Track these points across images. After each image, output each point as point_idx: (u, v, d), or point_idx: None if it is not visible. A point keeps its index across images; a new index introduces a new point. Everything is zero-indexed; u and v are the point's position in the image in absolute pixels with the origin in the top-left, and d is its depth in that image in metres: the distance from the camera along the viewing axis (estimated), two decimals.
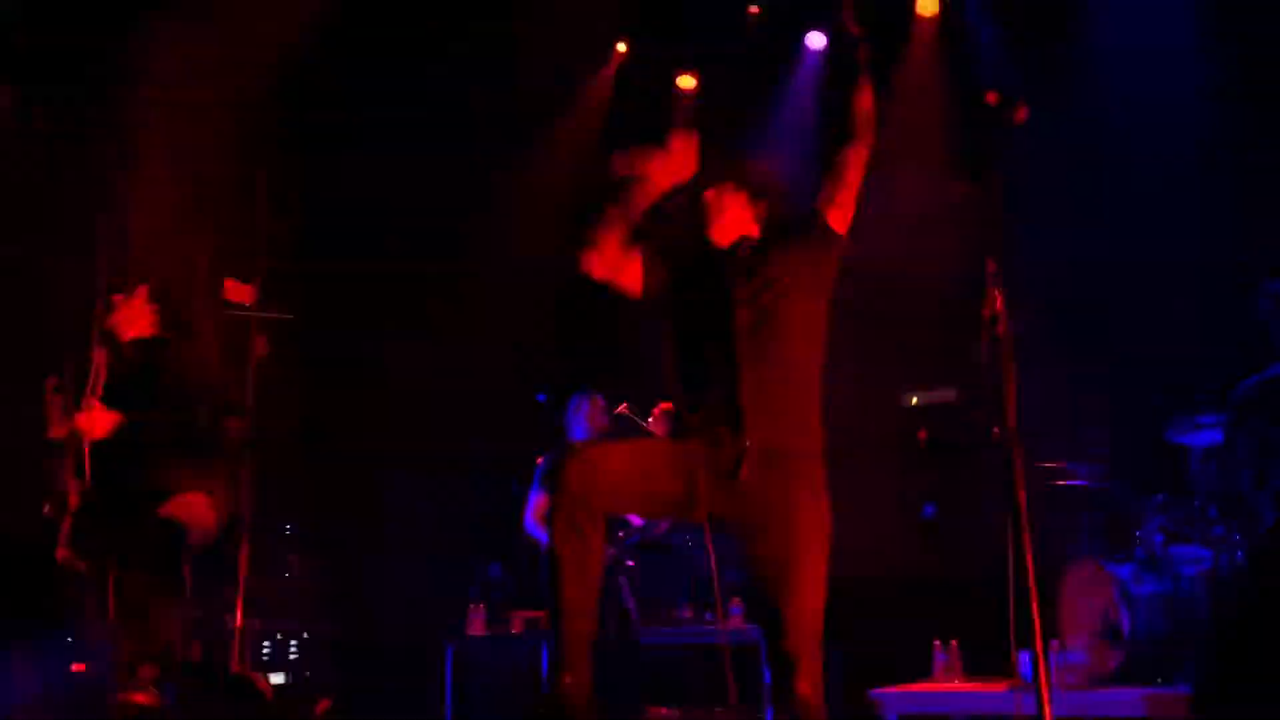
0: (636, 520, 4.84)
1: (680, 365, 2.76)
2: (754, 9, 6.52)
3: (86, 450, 3.44)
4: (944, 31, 6.60)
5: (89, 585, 3.29)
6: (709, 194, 2.80)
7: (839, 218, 2.79)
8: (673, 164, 2.68)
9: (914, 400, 6.31)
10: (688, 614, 5.53)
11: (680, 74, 7.37)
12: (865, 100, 2.81)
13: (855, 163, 2.79)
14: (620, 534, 5.00)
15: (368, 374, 6.46)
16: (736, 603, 4.93)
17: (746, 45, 6.87)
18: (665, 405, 4.81)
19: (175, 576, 3.23)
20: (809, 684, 2.48)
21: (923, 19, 6.61)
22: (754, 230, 2.83)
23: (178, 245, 5.55)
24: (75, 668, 3.64)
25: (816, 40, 7.06)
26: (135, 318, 3.69)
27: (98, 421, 3.37)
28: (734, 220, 2.81)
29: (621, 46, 7.39)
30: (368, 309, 6.48)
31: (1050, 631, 4.62)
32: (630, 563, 5.25)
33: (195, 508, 3.39)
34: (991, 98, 2.59)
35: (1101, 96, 6.03)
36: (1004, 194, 2.56)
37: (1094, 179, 6.00)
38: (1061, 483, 4.84)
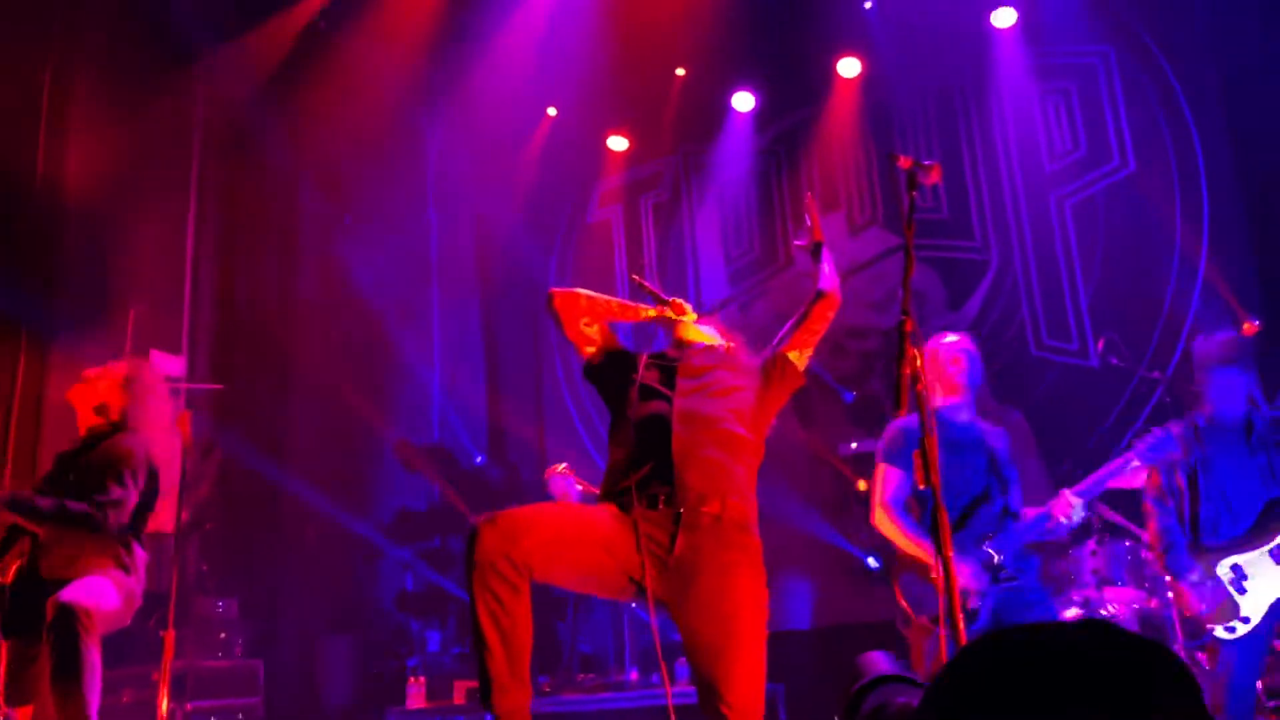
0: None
1: (620, 431, 2.78)
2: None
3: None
4: (863, 92, 6.80)
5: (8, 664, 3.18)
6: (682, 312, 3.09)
7: (800, 359, 2.95)
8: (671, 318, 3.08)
9: (854, 447, 6.36)
10: (634, 676, 5.47)
11: (611, 135, 7.50)
12: (829, 275, 3.10)
13: (823, 316, 3.04)
14: None
15: (293, 437, 6.37)
16: (683, 663, 4.89)
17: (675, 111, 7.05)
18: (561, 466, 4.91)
19: (75, 661, 3.10)
20: None
21: (844, 80, 6.81)
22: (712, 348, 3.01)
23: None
24: None
25: (743, 102, 7.22)
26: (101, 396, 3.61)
27: None
28: (696, 334, 3.03)
29: (552, 111, 7.51)
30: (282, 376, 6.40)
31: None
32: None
33: (99, 589, 3.28)
34: (904, 161, 2.66)
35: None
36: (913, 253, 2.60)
37: None
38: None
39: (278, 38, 6.44)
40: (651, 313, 3.06)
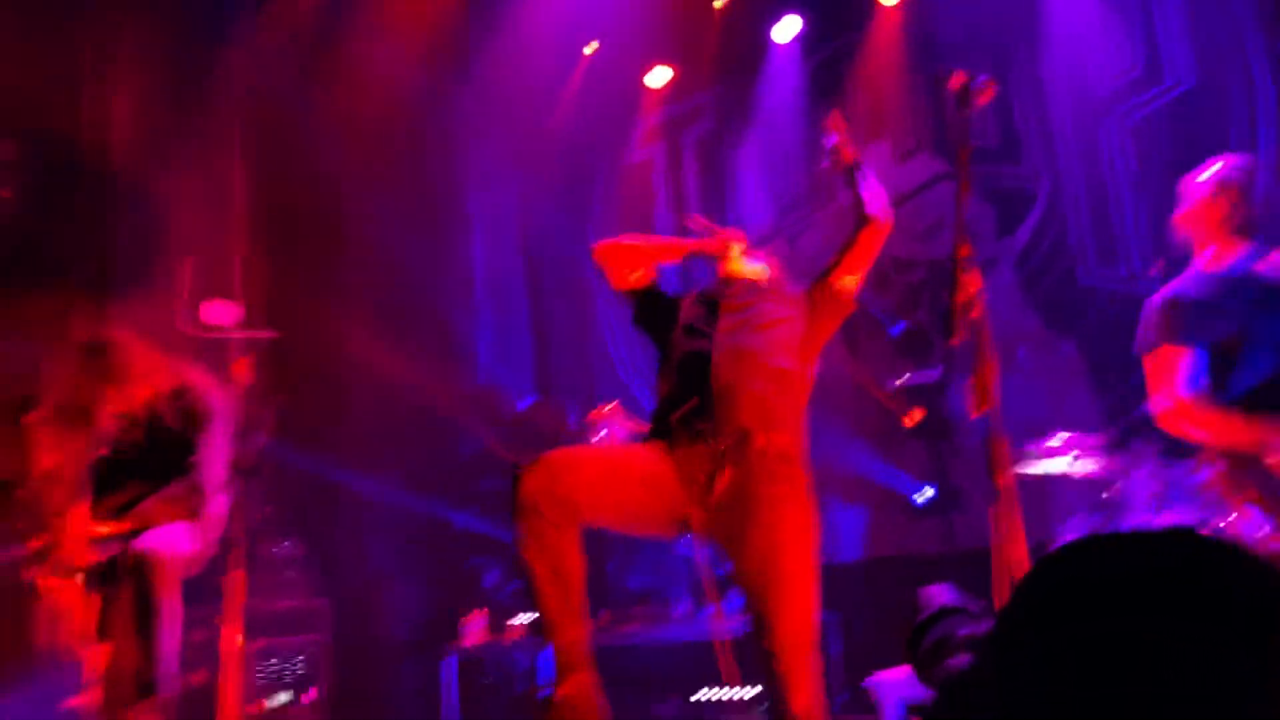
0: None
1: (666, 370, 2.79)
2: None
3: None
4: (909, 14, 6.63)
5: (77, 615, 3.29)
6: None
7: (849, 284, 2.89)
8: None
9: (900, 381, 6.33)
10: (685, 609, 5.55)
11: (649, 71, 7.41)
12: (873, 198, 2.96)
13: (871, 241, 2.92)
14: None
15: (350, 381, 6.47)
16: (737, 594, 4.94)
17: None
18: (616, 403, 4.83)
19: (156, 607, 3.21)
20: (804, 698, 2.43)
21: (886, 6, 6.65)
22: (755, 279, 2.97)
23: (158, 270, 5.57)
24: (70, 703, 3.63)
25: (784, 31, 7.09)
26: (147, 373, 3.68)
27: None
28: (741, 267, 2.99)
29: (588, 49, 7.42)
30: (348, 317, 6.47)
31: None
32: None
33: (175, 535, 3.38)
34: (956, 79, 2.60)
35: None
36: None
37: None
38: (1048, 456, 4.84)
39: None
40: (693, 249, 3.02)
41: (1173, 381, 2.97)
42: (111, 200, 5.63)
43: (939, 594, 2.09)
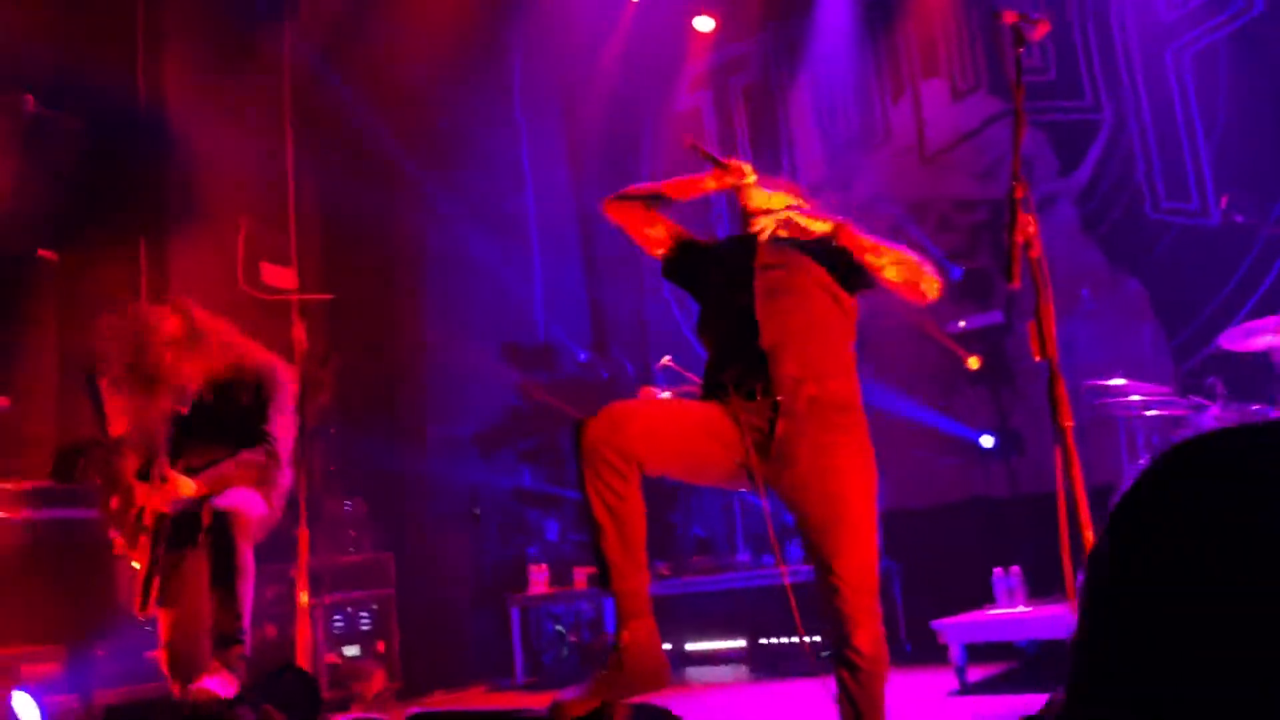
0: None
1: (709, 325, 2.77)
2: None
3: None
4: None
5: (152, 574, 3.39)
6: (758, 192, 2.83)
7: (876, 267, 2.68)
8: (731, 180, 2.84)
9: (962, 325, 6.23)
10: (745, 557, 5.58)
11: (696, 16, 7.30)
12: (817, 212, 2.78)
13: (861, 252, 2.68)
14: None
15: (408, 341, 6.56)
16: (796, 543, 4.96)
17: None
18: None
19: (238, 562, 3.32)
20: (867, 638, 2.45)
21: None
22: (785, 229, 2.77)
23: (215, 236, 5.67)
24: (151, 655, 3.77)
25: None
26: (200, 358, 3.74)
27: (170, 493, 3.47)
28: (763, 198, 2.81)
29: None
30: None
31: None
32: None
33: (249, 497, 3.48)
34: (1010, 16, 2.52)
35: None
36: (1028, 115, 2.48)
37: None
38: (1111, 400, 4.75)
39: None
40: (711, 183, 2.91)
41: None
42: (168, 162, 5.72)
43: None
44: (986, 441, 6.09)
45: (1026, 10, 2.55)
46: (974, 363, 6.12)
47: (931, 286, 2.65)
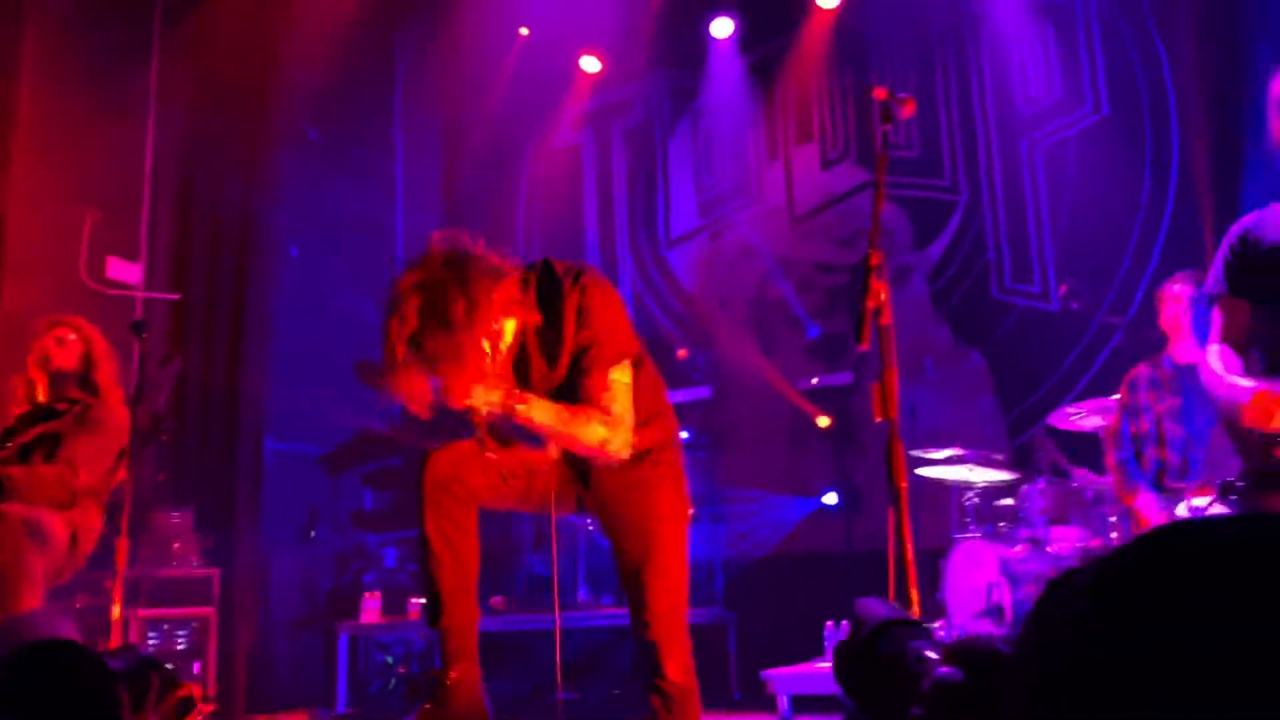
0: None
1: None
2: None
3: None
4: (842, 22, 6.71)
5: None
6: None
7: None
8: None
9: (814, 381, 6.42)
10: (582, 596, 5.56)
11: (584, 56, 7.38)
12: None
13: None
14: None
15: (251, 353, 6.32)
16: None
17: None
18: None
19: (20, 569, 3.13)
20: (678, 668, 2.50)
21: (822, 10, 6.71)
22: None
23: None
24: None
25: (721, 29, 7.12)
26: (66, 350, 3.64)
27: None
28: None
29: (524, 30, 7.36)
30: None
31: (936, 610, 4.77)
32: None
33: (39, 514, 3.32)
34: (879, 93, 2.63)
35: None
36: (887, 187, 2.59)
37: None
38: (947, 465, 4.96)
39: None
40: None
41: None
42: (9, 144, 5.40)
43: (876, 607, 2.11)
44: (829, 499, 6.27)
45: (896, 89, 2.67)
46: (823, 421, 6.32)
47: (606, 449, 2.43)
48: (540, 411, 2.34)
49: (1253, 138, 5.20)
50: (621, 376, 2.44)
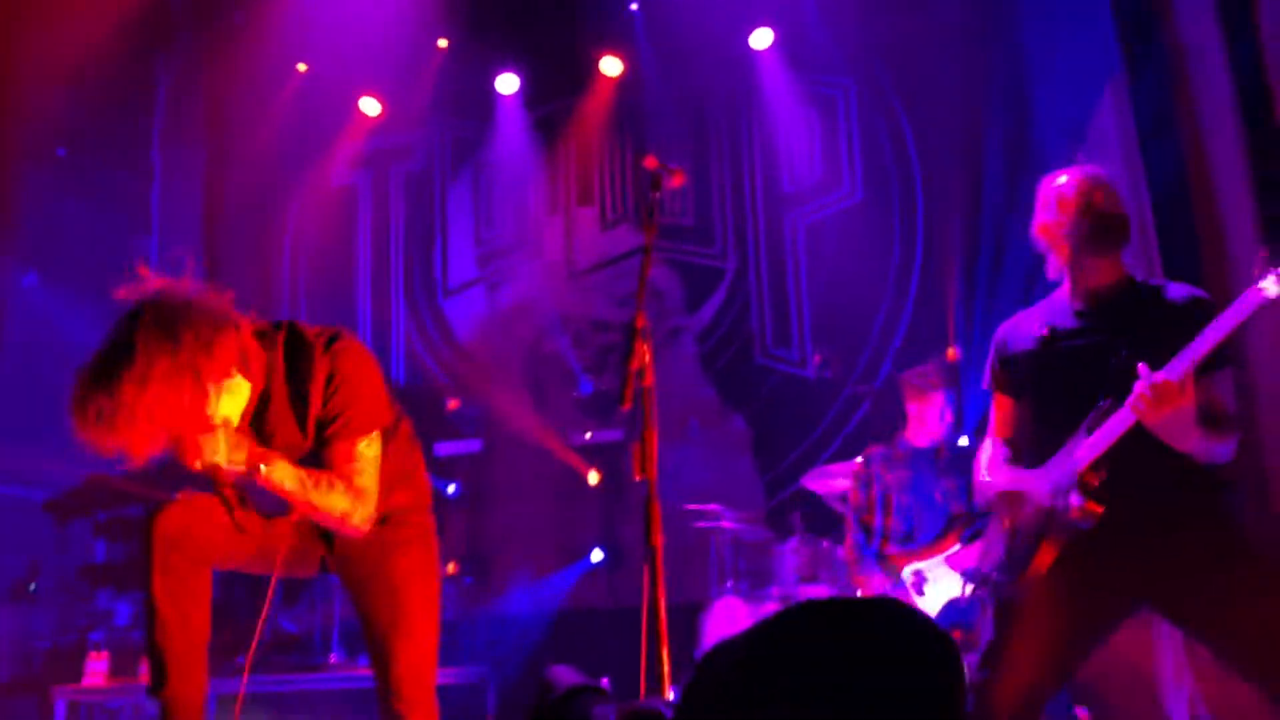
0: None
1: None
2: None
3: None
4: (623, 92, 6.93)
5: None
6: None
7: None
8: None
9: (588, 436, 6.48)
10: (335, 658, 5.31)
11: (364, 97, 7.24)
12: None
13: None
14: None
15: None
16: None
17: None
18: None
19: None
20: None
21: (605, 77, 6.90)
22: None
23: None
24: None
25: (506, 85, 7.18)
26: None
27: None
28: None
29: (302, 66, 7.15)
30: None
31: (693, 663, 4.87)
32: None
33: None
34: (650, 162, 2.72)
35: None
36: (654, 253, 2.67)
37: None
38: (706, 525, 5.11)
39: None
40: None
41: None
42: None
43: (565, 675, 2.13)
44: (595, 556, 6.31)
45: (671, 159, 2.77)
46: (594, 477, 6.38)
47: (347, 521, 2.34)
48: (284, 474, 2.24)
49: (989, 229, 5.75)
50: (369, 449, 2.36)
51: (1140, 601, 2.51)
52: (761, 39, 6.60)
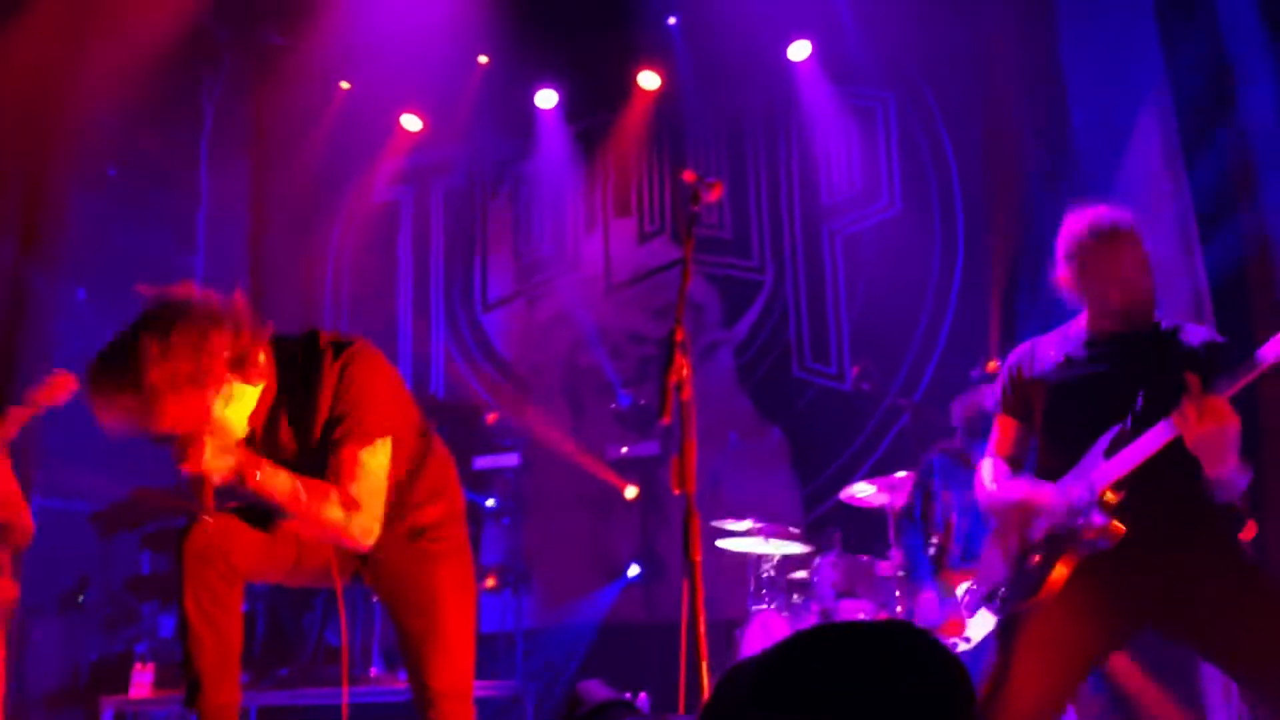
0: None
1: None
2: None
3: None
4: (661, 105, 6.96)
5: None
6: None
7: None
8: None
9: (624, 450, 6.48)
10: (378, 670, 5.35)
11: (406, 113, 7.33)
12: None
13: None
14: None
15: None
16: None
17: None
18: None
19: None
20: None
21: (643, 91, 6.94)
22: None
23: None
24: None
25: (546, 100, 7.24)
26: None
27: None
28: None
29: (345, 84, 7.25)
30: None
31: None
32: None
33: None
34: (689, 176, 2.73)
35: None
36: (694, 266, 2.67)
37: None
38: (744, 538, 5.08)
39: None
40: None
41: None
42: None
43: (595, 690, 2.14)
44: (632, 570, 6.31)
45: (709, 172, 2.77)
46: (631, 492, 6.38)
47: (344, 532, 2.31)
48: (276, 481, 2.21)
49: (1030, 243, 5.69)
50: (372, 458, 2.30)
51: (1149, 622, 2.51)
52: (799, 51, 6.60)
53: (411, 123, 7.36)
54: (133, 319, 2.19)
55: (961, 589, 4.03)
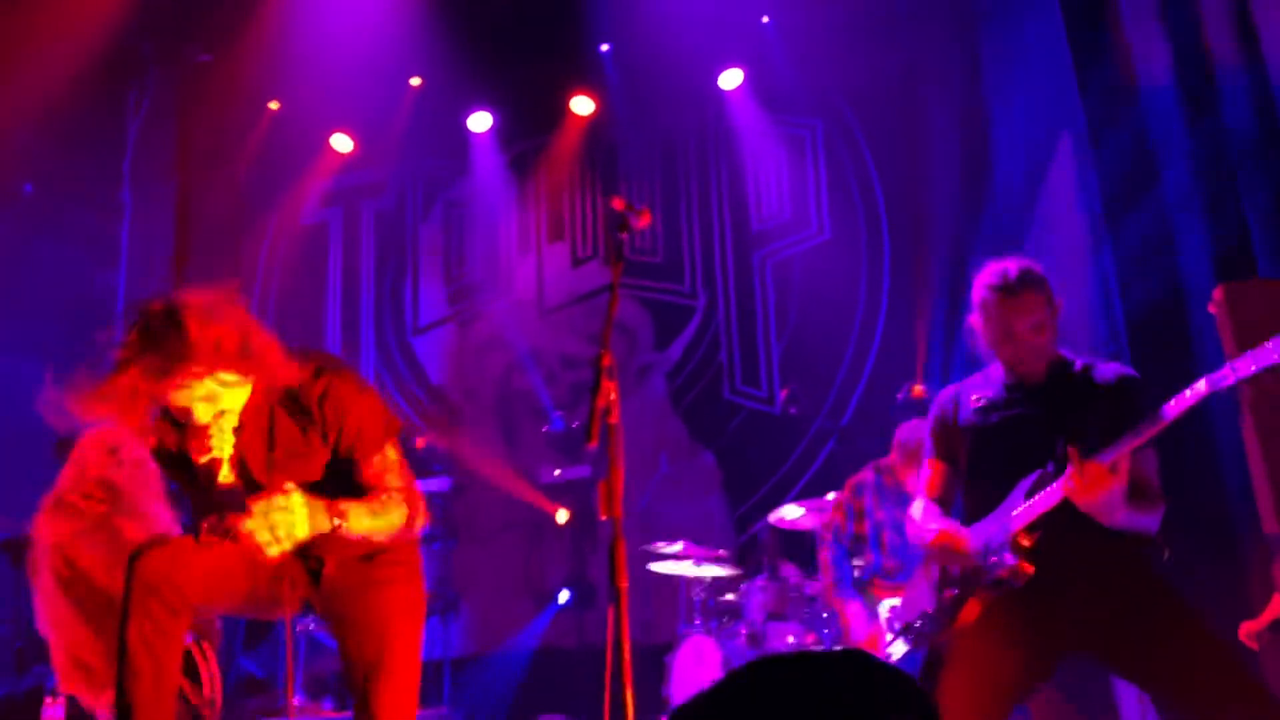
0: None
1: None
2: None
3: None
4: (594, 131, 6.99)
5: None
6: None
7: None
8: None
9: (557, 473, 6.46)
10: (301, 700, 5.23)
11: (336, 134, 7.26)
12: None
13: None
14: None
15: None
16: None
17: None
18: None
19: None
20: None
21: (577, 116, 6.97)
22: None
23: None
24: None
25: (479, 123, 7.23)
26: None
27: None
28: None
29: (274, 105, 7.16)
30: None
31: (662, 705, 4.84)
32: None
33: None
34: (617, 203, 2.74)
35: None
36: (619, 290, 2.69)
37: None
38: (676, 560, 5.09)
39: None
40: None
41: None
42: None
43: None
44: (563, 596, 6.27)
45: (641, 198, 2.80)
46: (562, 516, 6.35)
47: (414, 526, 2.45)
48: (357, 518, 2.28)
49: (951, 267, 5.82)
50: (393, 454, 2.44)
51: (1068, 655, 2.60)
52: (731, 79, 6.70)
53: (342, 143, 7.29)
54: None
55: (885, 607, 4.09)
